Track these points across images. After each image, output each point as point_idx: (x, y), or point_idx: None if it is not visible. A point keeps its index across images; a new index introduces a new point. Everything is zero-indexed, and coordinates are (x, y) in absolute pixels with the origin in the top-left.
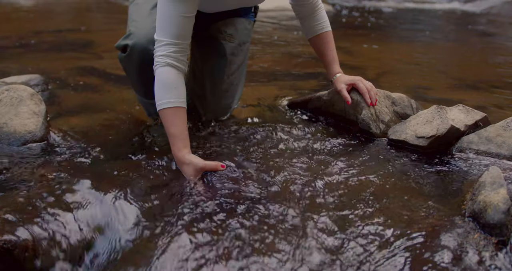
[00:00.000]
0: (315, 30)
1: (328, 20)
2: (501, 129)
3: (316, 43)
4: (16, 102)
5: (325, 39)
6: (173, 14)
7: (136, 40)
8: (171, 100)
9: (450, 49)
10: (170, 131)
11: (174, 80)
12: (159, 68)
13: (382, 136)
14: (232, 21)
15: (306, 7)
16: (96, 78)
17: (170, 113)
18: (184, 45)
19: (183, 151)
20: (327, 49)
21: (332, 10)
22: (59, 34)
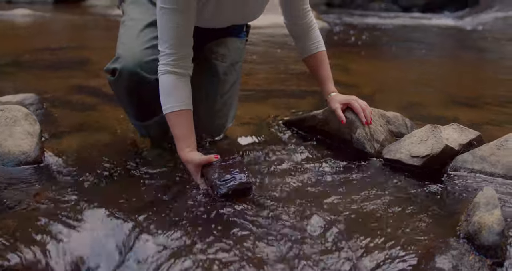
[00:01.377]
0: (309, 49)
1: (322, 39)
2: (495, 148)
3: (310, 63)
4: (10, 122)
5: (319, 58)
6: (170, 25)
7: (124, 63)
8: (172, 105)
9: (443, 65)
10: (173, 133)
11: (173, 86)
12: (160, 76)
13: (376, 155)
14: (224, 41)
15: (300, 26)
16: (92, 97)
17: (172, 117)
18: (184, 53)
19: (185, 150)
20: (321, 68)
21: (327, 27)
22: (56, 52)
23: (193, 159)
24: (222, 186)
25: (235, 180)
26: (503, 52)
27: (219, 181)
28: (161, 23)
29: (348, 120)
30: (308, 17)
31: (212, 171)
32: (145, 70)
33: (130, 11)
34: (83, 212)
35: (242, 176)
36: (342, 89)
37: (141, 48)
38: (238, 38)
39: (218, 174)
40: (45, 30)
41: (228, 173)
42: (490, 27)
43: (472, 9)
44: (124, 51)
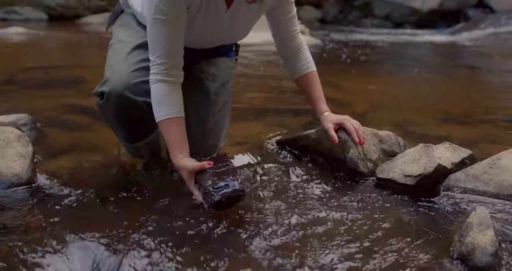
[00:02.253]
0: (300, 70)
1: (312, 60)
2: (487, 167)
3: (301, 83)
4: (3, 144)
5: (310, 78)
6: (161, 36)
7: (112, 86)
8: (164, 113)
9: (436, 82)
10: (166, 140)
11: (165, 94)
12: (151, 85)
13: (370, 175)
14: (214, 61)
15: (290, 48)
16: (85, 117)
17: (165, 125)
18: (175, 62)
19: (178, 156)
20: (312, 88)
21: (320, 44)
22: (49, 71)
23: (186, 166)
24: (216, 193)
25: (228, 187)
26: (495, 68)
27: (212, 188)
28: (153, 33)
29: (341, 140)
30: (297, 39)
31: (206, 178)
32: (133, 92)
33: (119, 33)
34: (74, 235)
35: (236, 183)
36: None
37: (129, 70)
38: (228, 57)
39: (212, 181)
40: (39, 48)
41: (221, 180)
42: (482, 43)
43: (463, 25)
44: (112, 74)
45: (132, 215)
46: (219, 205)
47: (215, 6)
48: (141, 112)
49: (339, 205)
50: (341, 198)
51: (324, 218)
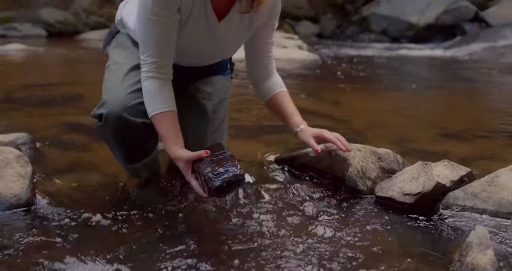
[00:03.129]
0: (270, 91)
1: (283, 82)
2: (486, 185)
3: (273, 102)
4: (2, 165)
5: (282, 96)
6: (154, 36)
7: (110, 109)
8: (156, 107)
9: (433, 97)
10: (161, 133)
11: (157, 90)
12: (143, 82)
13: (369, 193)
14: (210, 80)
15: (264, 72)
16: (84, 136)
17: (158, 118)
18: (166, 62)
19: (173, 148)
20: (286, 105)
21: (318, 59)
22: (48, 88)
23: (182, 156)
24: (216, 178)
25: (228, 172)
26: (492, 82)
27: (212, 175)
28: (144, 34)
29: (340, 157)
30: (272, 63)
31: (204, 166)
32: (131, 114)
33: (114, 55)
34: (74, 256)
35: (235, 168)
36: (333, 124)
37: (126, 92)
38: (224, 75)
39: (211, 168)
40: (38, 65)
41: (220, 166)
42: (478, 57)
43: (460, 39)
44: (109, 96)
45: (133, 235)
46: (220, 190)
47: (205, 17)
48: (140, 133)
49: (338, 223)
50: (340, 217)
51: (323, 237)
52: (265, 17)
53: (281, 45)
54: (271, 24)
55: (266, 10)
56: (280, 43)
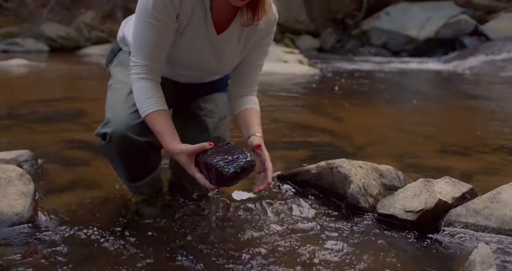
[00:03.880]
0: (243, 105)
1: (258, 104)
2: (487, 201)
3: (241, 115)
4: (4, 183)
5: (252, 111)
6: (145, 40)
7: (115, 128)
8: (150, 105)
9: (434, 112)
10: (156, 131)
11: (148, 90)
12: (134, 84)
13: (371, 210)
14: (211, 97)
15: (244, 91)
16: (85, 152)
17: (153, 117)
18: (157, 67)
19: (171, 143)
20: (252, 116)
21: (319, 74)
22: (50, 104)
23: (183, 149)
24: (229, 166)
25: (240, 159)
26: (493, 96)
27: (224, 163)
28: (141, 35)
29: (341, 175)
30: (255, 85)
31: (212, 157)
32: (135, 133)
33: (117, 73)
34: None
35: (245, 155)
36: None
37: (130, 111)
38: (225, 92)
39: (221, 157)
40: (40, 80)
41: (229, 154)
42: (478, 70)
43: (460, 53)
44: (113, 115)
45: (135, 252)
46: (233, 177)
47: (205, 29)
48: (143, 152)
49: (339, 241)
50: (341, 234)
51: (325, 254)
52: (262, 34)
53: (281, 59)
54: (265, 43)
55: (263, 27)
56: (281, 58)
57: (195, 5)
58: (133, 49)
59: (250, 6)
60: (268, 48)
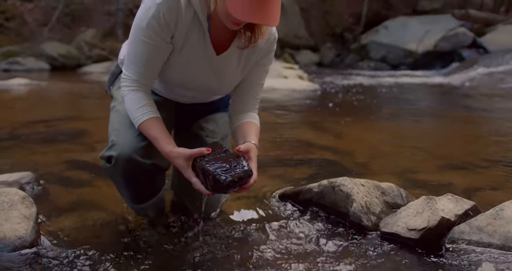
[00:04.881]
0: (244, 119)
1: (259, 120)
2: (490, 218)
3: (240, 127)
4: (7, 207)
5: (250, 124)
6: (139, 56)
7: (120, 150)
8: (142, 114)
9: (434, 126)
10: (152, 136)
11: (140, 100)
12: (125, 96)
13: (373, 229)
14: (213, 117)
15: (245, 110)
16: (87, 173)
17: (147, 124)
18: (147, 82)
19: (168, 147)
20: (250, 128)
21: (319, 89)
22: (51, 124)
23: (181, 152)
24: (227, 174)
25: (237, 168)
26: (493, 109)
27: (222, 170)
28: (135, 51)
29: (343, 193)
30: (256, 104)
31: (210, 163)
32: (140, 155)
33: (119, 95)
34: None
35: (243, 164)
36: (336, 157)
37: (135, 134)
38: (226, 112)
39: (219, 164)
40: (41, 100)
41: (227, 162)
42: (477, 83)
43: (459, 65)
44: (118, 138)
45: None
46: (230, 185)
47: (204, 49)
48: (149, 174)
49: (343, 260)
50: (345, 253)
51: None
52: (262, 53)
53: (281, 75)
54: (265, 62)
55: (263, 46)
56: (281, 74)
57: (192, 26)
58: (125, 63)
59: (248, 29)
60: (268, 67)
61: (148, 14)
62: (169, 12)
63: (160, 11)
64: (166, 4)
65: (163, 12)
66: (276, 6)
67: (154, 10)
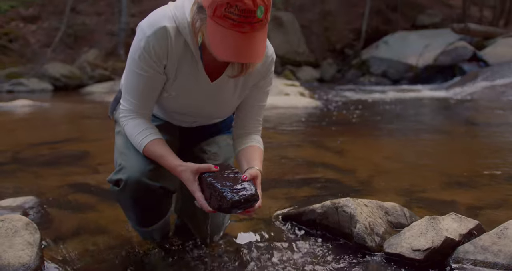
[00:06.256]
0: (247, 142)
1: (262, 142)
2: (495, 237)
3: (243, 152)
4: (11, 233)
5: (254, 148)
6: (134, 88)
7: (129, 174)
8: (144, 137)
9: (437, 143)
10: (157, 154)
11: (140, 125)
12: (125, 126)
13: (377, 249)
14: (214, 140)
15: (247, 132)
16: (91, 197)
17: (150, 146)
18: (145, 112)
19: (175, 161)
20: (254, 153)
21: (320, 106)
22: (55, 146)
23: (189, 165)
24: (234, 193)
25: (246, 190)
26: (494, 123)
27: (230, 189)
28: (131, 83)
29: (347, 214)
30: (258, 127)
31: (219, 180)
32: (149, 178)
33: None
34: None
35: (252, 188)
36: (338, 176)
37: (143, 157)
38: (228, 134)
39: (228, 184)
40: (44, 121)
41: (236, 183)
42: (479, 96)
43: (460, 79)
44: (126, 161)
45: None
46: (234, 205)
47: (197, 77)
48: (157, 197)
49: None
50: None
51: None
52: (260, 75)
53: (282, 92)
54: (264, 85)
55: (260, 69)
56: (282, 91)
57: (184, 56)
58: (122, 94)
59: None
60: (268, 89)
61: (139, 47)
62: (159, 43)
63: (150, 43)
64: (155, 36)
65: (152, 44)
66: (259, 42)
67: (144, 42)
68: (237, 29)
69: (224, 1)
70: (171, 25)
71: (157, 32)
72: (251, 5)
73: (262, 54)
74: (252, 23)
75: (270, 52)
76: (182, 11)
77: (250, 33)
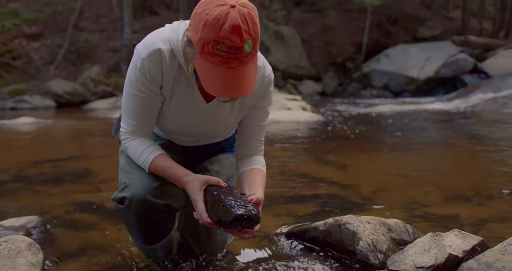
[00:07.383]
0: (250, 165)
1: (265, 164)
2: (499, 254)
3: (246, 174)
4: (14, 254)
5: (257, 171)
6: (132, 109)
7: (134, 191)
8: (149, 154)
9: (439, 157)
10: (165, 167)
11: (142, 144)
12: (127, 147)
13: (381, 267)
14: (217, 158)
15: (249, 153)
16: (94, 215)
17: (156, 162)
18: (145, 132)
19: (183, 171)
20: (257, 178)
21: (322, 120)
22: (57, 163)
23: (198, 175)
24: (239, 208)
25: (250, 209)
26: (496, 136)
27: (235, 203)
28: (130, 104)
29: (350, 231)
30: (260, 147)
31: (226, 194)
32: (154, 196)
33: None
34: None
35: (256, 209)
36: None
37: (147, 175)
38: (230, 153)
39: (234, 199)
40: (46, 138)
41: (243, 201)
42: (481, 108)
43: (461, 91)
44: (131, 179)
45: None
46: (236, 220)
47: (192, 98)
48: (162, 214)
49: None
50: None
51: None
52: (258, 96)
53: (284, 107)
54: (263, 105)
55: (258, 89)
56: (284, 105)
57: (179, 77)
58: (122, 117)
59: None
60: (267, 109)
61: (135, 68)
62: (154, 65)
63: (145, 65)
64: (150, 58)
65: (148, 66)
66: (248, 74)
67: (140, 64)
68: (225, 65)
69: (211, 39)
70: (166, 48)
71: (152, 54)
72: (238, 42)
73: (252, 86)
74: (240, 58)
75: (268, 72)
76: (176, 34)
77: (238, 67)
